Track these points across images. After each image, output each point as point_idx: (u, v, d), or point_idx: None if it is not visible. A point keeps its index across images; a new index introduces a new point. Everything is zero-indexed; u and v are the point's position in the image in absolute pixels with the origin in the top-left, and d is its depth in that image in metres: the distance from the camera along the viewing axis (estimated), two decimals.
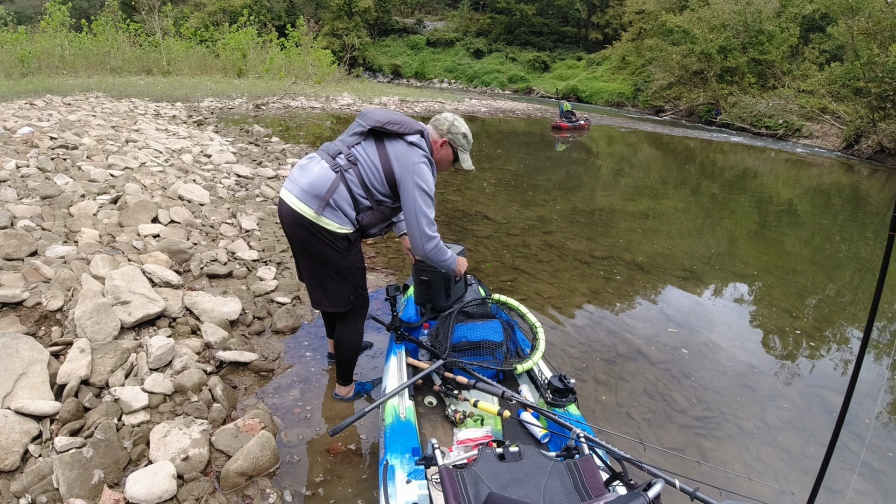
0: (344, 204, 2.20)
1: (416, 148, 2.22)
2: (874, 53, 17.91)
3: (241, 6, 36.88)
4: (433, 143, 2.35)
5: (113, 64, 20.40)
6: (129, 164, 5.66)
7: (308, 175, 2.18)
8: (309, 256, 2.32)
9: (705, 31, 26.51)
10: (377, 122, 2.19)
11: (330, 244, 2.23)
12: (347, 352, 2.62)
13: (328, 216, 2.18)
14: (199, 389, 2.57)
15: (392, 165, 2.19)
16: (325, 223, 2.18)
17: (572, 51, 45.11)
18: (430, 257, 2.34)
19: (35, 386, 2.25)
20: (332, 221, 2.19)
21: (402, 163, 2.18)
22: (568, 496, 1.59)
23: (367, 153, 2.21)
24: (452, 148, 2.39)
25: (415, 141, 2.23)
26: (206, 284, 3.59)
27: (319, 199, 2.15)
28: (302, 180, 2.19)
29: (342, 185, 2.17)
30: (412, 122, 2.27)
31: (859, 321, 4.72)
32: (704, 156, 16.02)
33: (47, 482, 1.92)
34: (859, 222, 8.95)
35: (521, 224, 6.47)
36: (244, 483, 2.14)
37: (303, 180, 2.18)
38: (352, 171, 2.19)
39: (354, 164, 2.19)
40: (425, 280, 2.72)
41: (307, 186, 2.16)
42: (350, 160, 2.19)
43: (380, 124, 2.19)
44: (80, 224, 3.85)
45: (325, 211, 2.17)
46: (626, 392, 3.21)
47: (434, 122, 2.39)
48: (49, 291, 2.82)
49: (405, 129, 2.22)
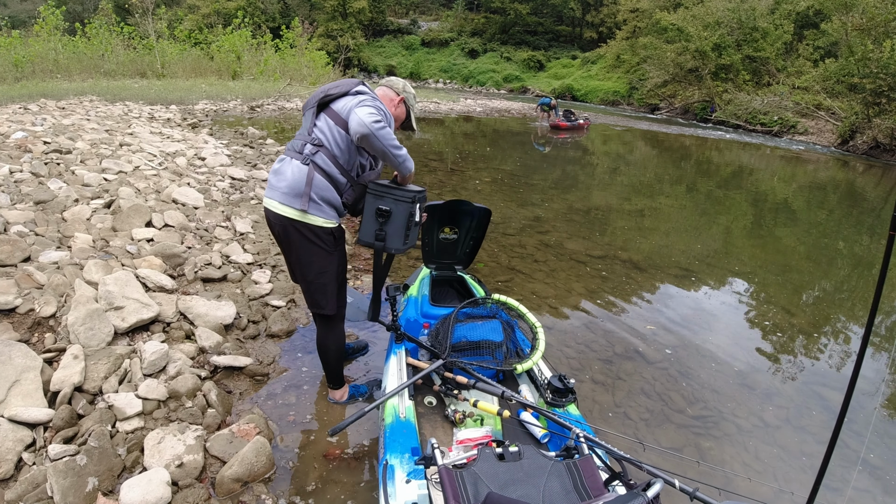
0: (326, 193, 2.20)
1: (360, 95, 2.22)
2: (868, 49, 18.00)
3: (235, 8, 36.79)
4: (389, 100, 2.38)
5: (107, 67, 20.33)
6: (122, 168, 5.63)
7: (284, 178, 2.19)
8: (298, 258, 2.32)
9: (699, 28, 26.59)
10: (320, 95, 2.24)
11: (317, 242, 2.25)
12: (334, 354, 2.62)
13: (314, 212, 2.19)
14: (194, 395, 2.55)
15: (344, 118, 2.17)
16: (311, 220, 2.19)
17: (567, 50, 45.20)
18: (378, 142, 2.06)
19: (28, 393, 2.23)
20: (319, 217, 2.21)
21: (349, 107, 2.16)
22: (567, 496, 1.59)
23: (325, 126, 2.21)
24: (406, 107, 2.45)
25: (359, 89, 2.24)
26: (200, 288, 3.57)
27: (301, 197, 2.15)
28: (280, 184, 2.19)
29: (317, 174, 2.18)
30: (350, 80, 2.30)
31: (857, 318, 4.73)
32: (700, 153, 16.05)
33: (41, 490, 1.90)
34: (855, 218, 8.97)
35: (517, 224, 6.47)
36: (239, 489, 2.12)
37: (281, 184, 2.19)
38: (320, 153, 2.19)
39: (320, 146, 2.19)
40: (384, 210, 2.22)
41: (287, 189, 2.17)
42: (315, 144, 2.19)
43: (322, 94, 2.23)
44: (73, 229, 3.83)
45: (311, 207, 2.18)
46: (623, 392, 3.21)
47: (387, 83, 2.45)
48: (42, 298, 2.80)
49: (345, 87, 2.24)
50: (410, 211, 2.21)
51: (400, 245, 2.26)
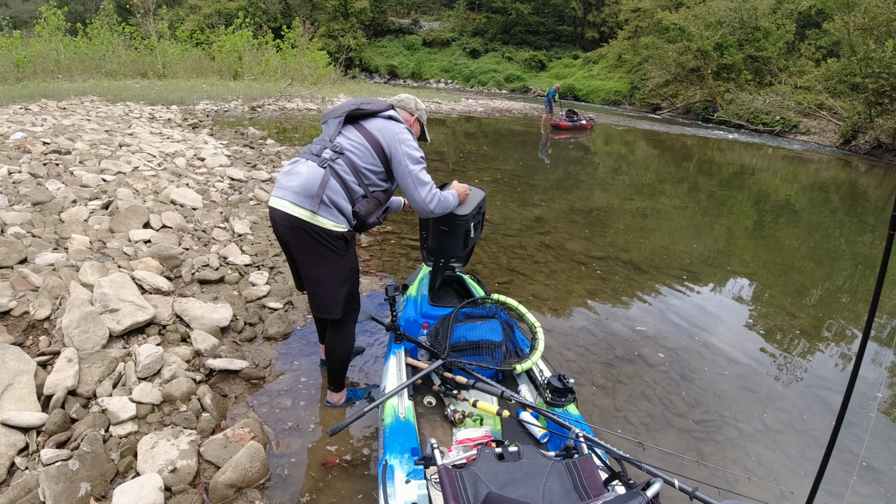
0: (338, 198, 2.19)
1: (394, 121, 2.34)
2: (870, 49, 17.95)
3: (236, 8, 36.84)
4: (405, 121, 2.46)
5: (108, 67, 20.34)
6: (121, 169, 5.62)
7: (297, 177, 2.17)
8: (307, 261, 2.28)
9: (701, 28, 26.55)
10: (351, 107, 2.29)
11: (327, 245, 2.22)
12: (340, 357, 2.59)
13: (324, 214, 2.16)
14: (188, 399, 2.53)
15: (378, 140, 2.26)
16: (321, 222, 2.16)
17: (568, 49, 45.20)
18: (438, 213, 2.41)
19: (21, 397, 2.21)
20: (329, 220, 2.18)
21: (387, 135, 2.27)
22: (567, 496, 1.59)
23: (351, 138, 2.26)
24: (420, 124, 2.59)
25: (392, 115, 2.36)
26: (197, 290, 3.55)
27: (313, 198, 2.13)
28: (291, 184, 2.17)
29: (332, 179, 2.17)
30: (381, 100, 2.40)
31: (859, 319, 4.70)
32: (701, 153, 16.01)
33: (34, 495, 1.88)
34: (858, 218, 8.94)
35: (518, 224, 6.44)
36: (233, 495, 2.10)
37: (292, 183, 2.16)
38: (340, 160, 2.21)
39: (341, 154, 2.22)
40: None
41: (299, 188, 2.14)
42: (336, 151, 2.22)
43: (354, 107, 2.29)
44: (70, 230, 3.81)
45: (321, 209, 2.15)
46: (623, 395, 3.18)
47: (400, 104, 2.54)
48: (37, 300, 2.78)
49: (378, 106, 2.35)
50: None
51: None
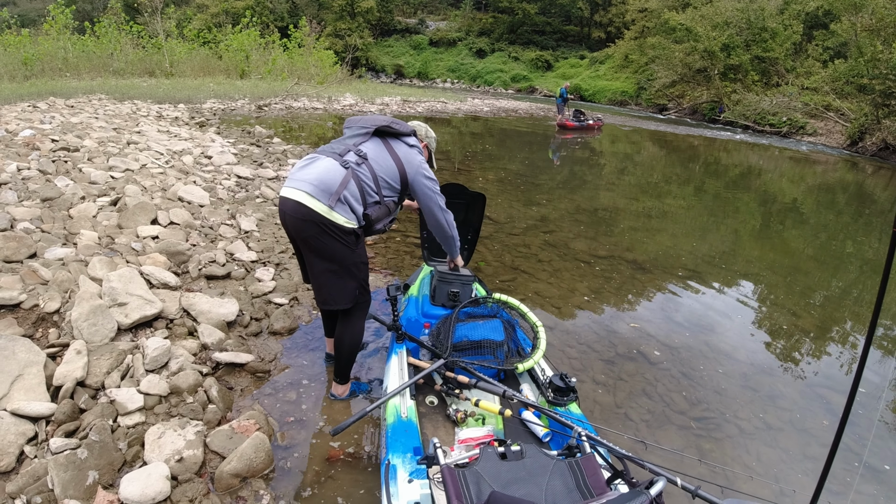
0: (352, 200, 2.24)
1: (416, 150, 2.46)
2: (878, 50, 17.83)
3: (243, 8, 36.97)
4: None
5: (116, 66, 20.46)
6: (129, 166, 5.67)
7: (315, 172, 2.21)
8: (317, 254, 2.32)
9: (708, 28, 26.43)
10: (382, 123, 2.39)
11: (339, 239, 2.26)
12: (348, 349, 2.62)
13: (339, 211, 2.21)
14: (195, 391, 2.56)
15: (403, 165, 2.39)
16: (335, 218, 2.20)
17: (575, 49, 45.02)
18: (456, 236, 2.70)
19: (31, 388, 2.25)
20: (342, 216, 2.22)
21: (411, 164, 2.40)
22: (570, 495, 1.59)
23: (377, 151, 2.36)
24: (428, 151, 2.74)
25: (414, 143, 2.48)
26: (204, 286, 3.59)
27: (331, 194, 2.18)
28: (309, 177, 2.20)
29: (353, 181, 2.24)
30: (405, 124, 2.51)
31: (863, 320, 4.68)
32: (708, 154, 15.96)
33: (42, 483, 1.92)
34: (864, 220, 8.89)
35: (523, 224, 6.45)
36: (238, 484, 2.13)
37: (310, 177, 2.20)
38: (363, 166, 2.29)
39: (365, 160, 2.30)
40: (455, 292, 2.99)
41: (317, 182, 2.18)
42: (360, 156, 2.30)
43: (385, 124, 2.40)
44: (79, 226, 3.86)
45: (337, 206, 2.20)
46: (624, 393, 3.19)
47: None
48: (46, 293, 2.83)
49: (403, 129, 2.45)
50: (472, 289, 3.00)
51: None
